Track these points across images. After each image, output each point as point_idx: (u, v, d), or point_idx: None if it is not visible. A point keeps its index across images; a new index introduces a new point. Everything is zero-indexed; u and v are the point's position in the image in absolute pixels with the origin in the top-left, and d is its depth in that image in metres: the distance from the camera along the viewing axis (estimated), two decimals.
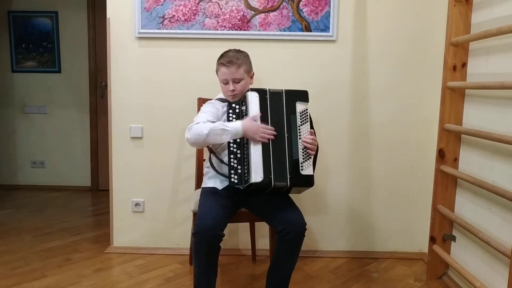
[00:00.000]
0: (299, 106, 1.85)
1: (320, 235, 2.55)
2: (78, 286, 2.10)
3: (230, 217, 1.82)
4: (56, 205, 3.48)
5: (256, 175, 1.73)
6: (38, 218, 3.14)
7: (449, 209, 2.14)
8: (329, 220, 2.54)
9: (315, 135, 1.88)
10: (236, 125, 1.76)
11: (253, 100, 1.81)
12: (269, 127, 1.79)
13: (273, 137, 1.78)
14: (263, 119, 1.80)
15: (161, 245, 2.55)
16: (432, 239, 2.21)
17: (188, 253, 2.41)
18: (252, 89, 1.84)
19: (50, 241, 2.68)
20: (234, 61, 1.88)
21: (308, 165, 1.82)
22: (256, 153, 1.75)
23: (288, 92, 1.85)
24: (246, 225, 2.43)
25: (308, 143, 1.81)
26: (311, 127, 1.88)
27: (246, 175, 1.76)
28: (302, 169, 1.79)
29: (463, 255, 2.09)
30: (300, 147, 1.81)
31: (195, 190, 2.24)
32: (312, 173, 1.82)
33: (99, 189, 3.97)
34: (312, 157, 1.84)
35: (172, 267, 2.35)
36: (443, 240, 2.19)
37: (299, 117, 1.83)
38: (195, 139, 1.78)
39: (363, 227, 2.55)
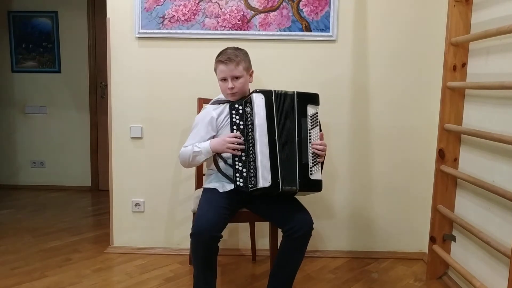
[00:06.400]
0: (310, 110, 1.80)
1: (320, 235, 2.55)
2: (78, 286, 2.10)
3: (230, 218, 1.80)
4: (56, 205, 3.48)
5: (264, 180, 1.69)
6: (38, 218, 3.14)
7: (449, 209, 2.14)
8: (329, 220, 2.54)
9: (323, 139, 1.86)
10: (206, 145, 1.84)
11: (259, 102, 1.74)
12: (233, 134, 1.77)
13: (242, 146, 1.75)
14: (240, 130, 1.77)
15: (161, 245, 2.55)
16: (432, 239, 2.21)
17: (188, 253, 2.41)
18: (257, 90, 1.78)
19: (50, 241, 2.68)
20: (232, 58, 1.85)
21: (317, 169, 1.79)
22: (263, 157, 1.70)
23: (300, 94, 1.80)
24: (246, 225, 2.43)
25: (319, 149, 1.79)
26: (320, 130, 1.86)
27: (252, 178, 1.72)
28: (311, 174, 1.77)
29: (463, 255, 2.09)
30: (310, 151, 1.78)
31: (195, 190, 2.24)
32: (320, 178, 1.80)
33: (99, 189, 3.97)
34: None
35: (172, 267, 2.35)
36: (443, 240, 2.19)
37: (309, 120, 1.79)
38: (182, 163, 1.94)
39: (363, 227, 2.55)
